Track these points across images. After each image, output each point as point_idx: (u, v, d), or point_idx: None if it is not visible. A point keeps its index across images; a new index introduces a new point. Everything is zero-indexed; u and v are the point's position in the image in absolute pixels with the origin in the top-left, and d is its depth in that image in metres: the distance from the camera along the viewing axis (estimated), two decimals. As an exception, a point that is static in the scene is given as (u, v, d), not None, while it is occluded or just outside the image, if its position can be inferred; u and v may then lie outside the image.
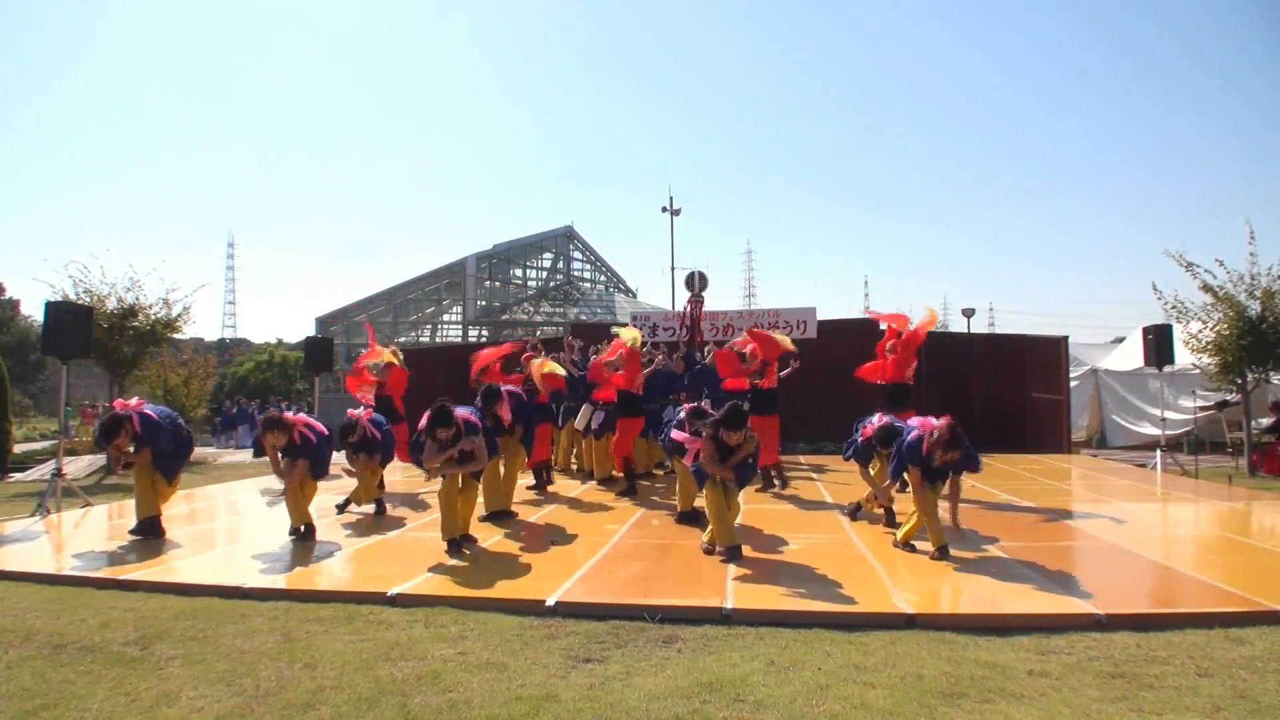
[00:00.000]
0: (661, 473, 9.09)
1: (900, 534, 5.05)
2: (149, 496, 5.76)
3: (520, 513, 6.39)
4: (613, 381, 7.50)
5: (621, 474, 7.78)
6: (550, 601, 3.84)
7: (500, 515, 6.12)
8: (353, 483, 6.84)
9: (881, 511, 5.77)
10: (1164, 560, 4.68)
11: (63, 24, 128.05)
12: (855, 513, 6.05)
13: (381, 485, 6.97)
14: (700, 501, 5.27)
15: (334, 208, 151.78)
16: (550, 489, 7.74)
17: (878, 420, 5.70)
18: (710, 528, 4.93)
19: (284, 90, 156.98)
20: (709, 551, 4.86)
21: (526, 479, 7.62)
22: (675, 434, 5.38)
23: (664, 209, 26.97)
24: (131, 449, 5.67)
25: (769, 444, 7.12)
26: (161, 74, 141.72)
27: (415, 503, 7.30)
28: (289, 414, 5.79)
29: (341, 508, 6.68)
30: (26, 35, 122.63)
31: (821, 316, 12.38)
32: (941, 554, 4.67)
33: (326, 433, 5.95)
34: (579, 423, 8.27)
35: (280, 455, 5.62)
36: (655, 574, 4.44)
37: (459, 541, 5.07)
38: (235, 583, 4.35)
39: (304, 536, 5.52)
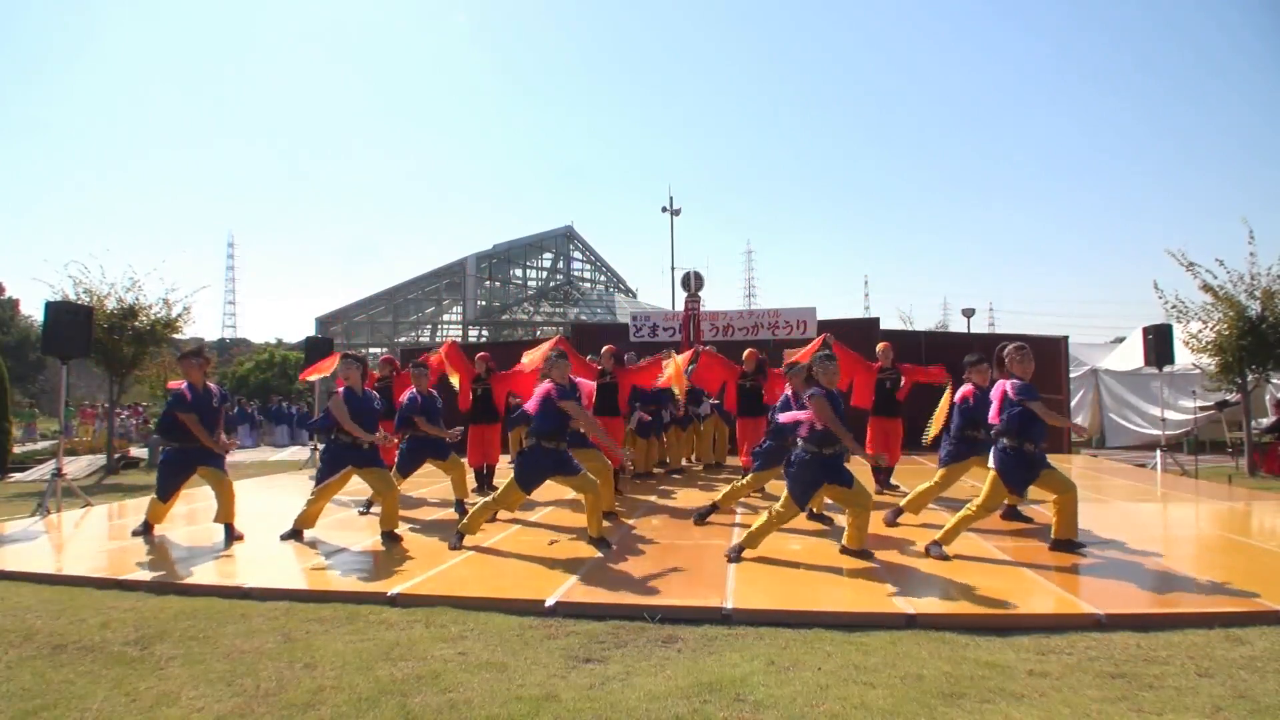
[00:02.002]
0: (662, 471, 9.09)
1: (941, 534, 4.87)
2: (155, 508, 5.83)
3: (519, 514, 6.39)
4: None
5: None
6: (550, 601, 3.84)
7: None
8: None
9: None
10: (1164, 560, 4.68)
11: (63, 24, 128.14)
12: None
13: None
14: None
15: (334, 208, 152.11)
16: (549, 491, 7.71)
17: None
18: (748, 538, 4.74)
19: (284, 90, 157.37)
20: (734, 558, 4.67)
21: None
22: (782, 416, 4.90)
23: (664, 209, 27.07)
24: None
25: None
26: (162, 73, 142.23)
27: (414, 503, 7.30)
28: None
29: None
30: (26, 35, 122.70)
31: (821, 316, 12.40)
32: (936, 549, 4.74)
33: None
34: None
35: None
36: (655, 574, 4.44)
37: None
38: (235, 583, 4.36)
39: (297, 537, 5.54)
